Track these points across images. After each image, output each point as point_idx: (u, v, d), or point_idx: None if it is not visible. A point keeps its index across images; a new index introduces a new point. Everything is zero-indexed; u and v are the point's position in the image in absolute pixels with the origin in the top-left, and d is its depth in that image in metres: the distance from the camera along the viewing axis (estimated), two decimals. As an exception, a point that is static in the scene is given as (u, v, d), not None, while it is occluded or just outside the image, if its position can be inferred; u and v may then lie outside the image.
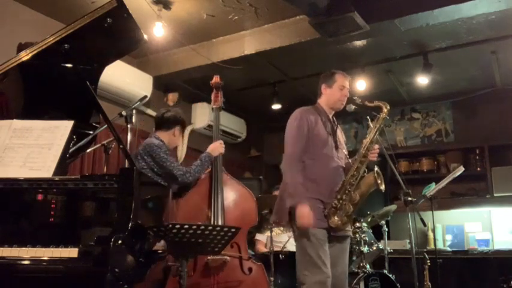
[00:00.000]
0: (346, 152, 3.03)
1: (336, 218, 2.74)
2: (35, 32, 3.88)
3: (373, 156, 2.86)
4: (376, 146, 2.89)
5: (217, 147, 3.27)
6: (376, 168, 2.80)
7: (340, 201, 2.76)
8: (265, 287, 3.08)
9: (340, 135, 3.07)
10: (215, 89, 3.45)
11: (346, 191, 2.77)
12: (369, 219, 4.17)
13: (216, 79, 3.44)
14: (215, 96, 3.44)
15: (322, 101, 3.02)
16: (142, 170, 2.95)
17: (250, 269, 3.02)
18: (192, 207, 3.06)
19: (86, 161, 4.33)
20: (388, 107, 2.91)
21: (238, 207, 3.15)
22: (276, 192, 3.88)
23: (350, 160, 2.95)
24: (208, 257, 2.86)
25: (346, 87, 2.98)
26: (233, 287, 2.94)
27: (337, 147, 2.92)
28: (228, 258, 2.93)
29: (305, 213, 2.67)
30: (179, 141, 3.61)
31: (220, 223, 2.97)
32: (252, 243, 4.54)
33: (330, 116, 3.01)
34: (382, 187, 2.77)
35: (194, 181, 3.14)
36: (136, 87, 4.78)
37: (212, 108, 3.48)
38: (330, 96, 2.98)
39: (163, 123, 3.34)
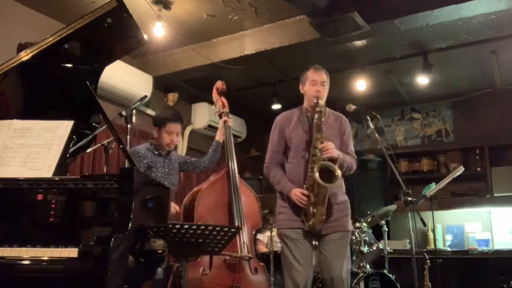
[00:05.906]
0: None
1: (311, 222, 2.71)
2: (35, 32, 3.88)
3: (327, 153, 2.70)
4: (324, 144, 2.72)
5: None
6: (316, 165, 2.66)
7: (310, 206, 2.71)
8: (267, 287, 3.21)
9: (328, 129, 2.86)
10: (222, 94, 3.50)
11: (310, 194, 2.71)
12: (369, 219, 4.18)
13: (222, 85, 3.49)
14: (224, 101, 3.53)
15: (305, 101, 3.01)
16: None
17: (256, 269, 3.14)
18: (211, 204, 3.13)
19: (86, 161, 4.33)
20: (322, 102, 2.78)
21: (246, 210, 3.23)
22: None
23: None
24: (227, 256, 2.96)
25: (318, 81, 2.87)
26: (244, 285, 3.03)
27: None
28: (248, 257, 3.03)
29: (297, 196, 2.71)
30: (165, 139, 3.33)
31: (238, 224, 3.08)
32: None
33: (314, 114, 2.81)
34: (330, 184, 2.62)
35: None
36: (136, 87, 4.78)
37: (222, 113, 3.54)
38: (306, 93, 2.96)
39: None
